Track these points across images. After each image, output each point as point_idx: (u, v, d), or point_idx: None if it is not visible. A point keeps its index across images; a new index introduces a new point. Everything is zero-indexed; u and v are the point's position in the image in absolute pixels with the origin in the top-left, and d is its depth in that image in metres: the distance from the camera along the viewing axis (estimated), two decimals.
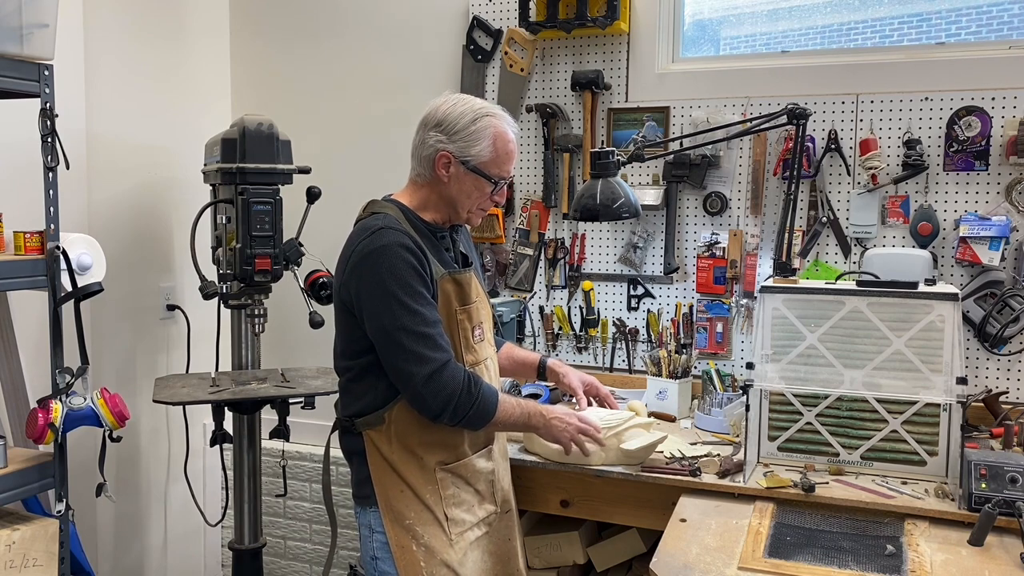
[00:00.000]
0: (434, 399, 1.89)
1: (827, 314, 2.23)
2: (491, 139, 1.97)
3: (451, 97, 2.01)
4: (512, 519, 2.18)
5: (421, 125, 2.00)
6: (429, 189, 2.01)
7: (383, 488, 1.97)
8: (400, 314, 1.87)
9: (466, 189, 2.00)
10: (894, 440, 2.18)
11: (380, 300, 1.88)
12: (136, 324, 3.10)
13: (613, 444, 2.22)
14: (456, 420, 1.92)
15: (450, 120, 1.96)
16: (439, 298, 1.95)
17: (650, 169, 2.89)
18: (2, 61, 2.08)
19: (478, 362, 2.05)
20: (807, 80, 2.71)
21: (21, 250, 2.22)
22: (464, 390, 1.90)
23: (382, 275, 1.87)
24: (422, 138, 1.99)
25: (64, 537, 2.30)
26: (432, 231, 2.01)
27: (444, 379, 1.88)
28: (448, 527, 1.98)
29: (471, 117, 1.96)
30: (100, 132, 2.91)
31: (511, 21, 3.01)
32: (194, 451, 3.13)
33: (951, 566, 1.77)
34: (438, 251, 2.00)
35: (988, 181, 2.53)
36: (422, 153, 1.99)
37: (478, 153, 1.97)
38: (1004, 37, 2.60)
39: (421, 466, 1.97)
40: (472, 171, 1.97)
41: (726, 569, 1.79)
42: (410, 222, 1.97)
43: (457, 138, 1.95)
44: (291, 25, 3.41)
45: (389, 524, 1.96)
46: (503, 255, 3.09)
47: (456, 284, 2.00)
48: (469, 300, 2.03)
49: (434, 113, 1.98)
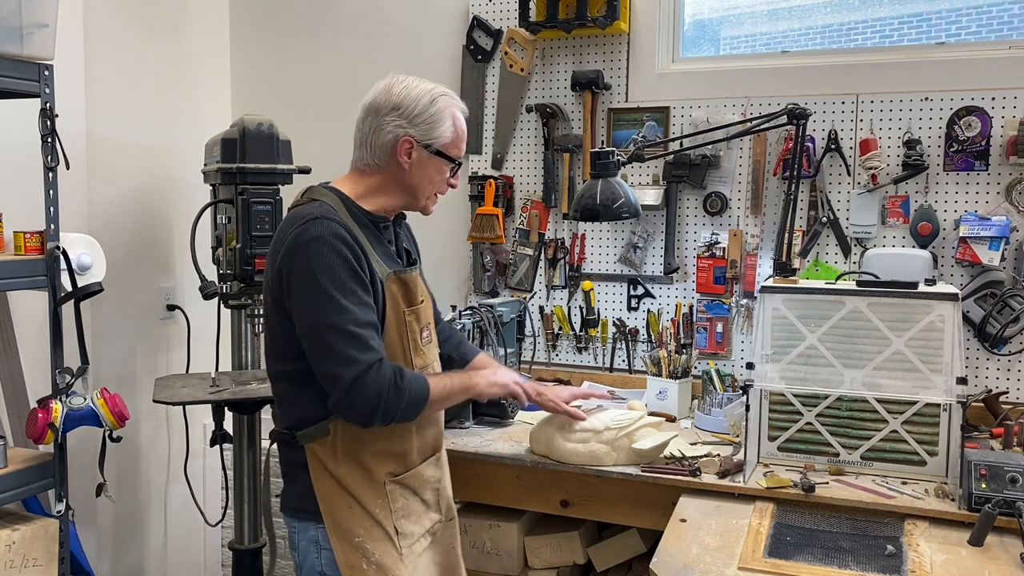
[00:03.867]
0: (362, 403, 1.74)
1: (827, 314, 2.23)
2: (451, 119, 1.88)
3: (399, 79, 1.88)
4: (455, 527, 2.08)
5: (370, 111, 1.87)
6: (381, 177, 1.88)
7: (329, 504, 1.83)
8: (329, 311, 1.73)
9: (428, 174, 1.89)
10: (894, 440, 2.18)
11: (309, 295, 1.75)
12: (136, 324, 3.10)
13: (624, 444, 2.22)
14: (389, 419, 1.78)
15: (408, 103, 1.84)
16: (387, 300, 1.83)
17: (650, 169, 2.89)
18: (2, 61, 2.08)
19: (427, 365, 1.95)
20: (807, 80, 2.71)
21: (21, 250, 2.22)
22: (392, 387, 1.75)
23: (313, 268, 1.73)
24: (375, 124, 1.86)
25: (64, 537, 2.30)
26: (374, 222, 1.88)
27: (370, 381, 1.73)
28: (398, 541, 1.87)
29: (428, 99, 1.85)
30: (100, 132, 2.91)
31: (511, 21, 3.01)
32: (194, 451, 3.13)
33: (951, 566, 1.77)
34: (381, 245, 1.87)
35: (988, 181, 2.53)
36: (377, 140, 1.86)
37: (440, 135, 1.86)
38: (1004, 37, 2.60)
39: (370, 479, 1.84)
40: (435, 155, 1.87)
41: (726, 569, 1.79)
42: (350, 212, 1.83)
43: (419, 121, 1.84)
44: (291, 26, 3.41)
45: (337, 542, 1.83)
46: (503, 255, 3.09)
47: (402, 284, 1.88)
48: (416, 301, 1.92)
49: (386, 97, 1.85)
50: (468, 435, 2.49)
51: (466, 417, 2.57)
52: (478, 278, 3.12)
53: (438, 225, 3.12)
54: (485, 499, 2.43)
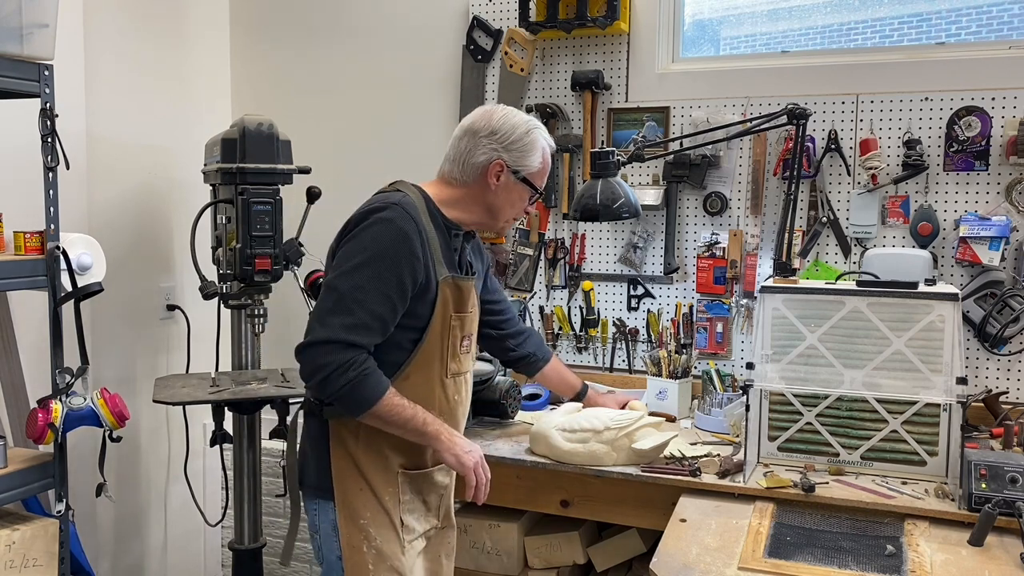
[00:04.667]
0: (306, 364, 1.82)
1: (827, 314, 2.23)
2: (541, 151, 2.00)
3: (499, 107, 2.01)
4: (450, 536, 2.11)
5: (468, 132, 1.98)
6: (465, 191, 1.98)
7: (342, 482, 1.92)
8: (349, 277, 1.82)
9: (512, 198, 2.00)
10: (894, 440, 2.18)
11: (346, 257, 1.84)
12: (136, 324, 3.10)
13: (624, 444, 2.23)
14: (323, 395, 1.85)
15: (505, 130, 1.95)
16: (438, 299, 1.91)
17: (650, 169, 2.89)
18: (2, 61, 2.08)
19: (460, 372, 2.01)
20: (807, 80, 2.71)
21: (21, 250, 2.22)
22: (338, 370, 1.79)
23: (366, 240, 1.83)
24: (471, 145, 1.97)
25: (64, 537, 2.30)
26: (448, 227, 1.97)
27: (322, 352, 1.80)
28: (402, 533, 1.94)
29: (524, 129, 1.97)
30: (100, 132, 2.91)
31: (511, 21, 3.01)
32: (194, 451, 3.13)
33: (951, 566, 1.77)
34: (448, 249, 1.96)
35: (988, 181, 2.53)
36: (470, 159, 1.96)
37: (529, 164, 1.98)
38: (1004, 37, 2.60)
39: (385, 467, 1.93)
40: (521, 181, 1.99)
41: (726, 569, 1.79)
42: (429, 211, 1.93)
43: (513, 148, 1.96)
44: (291, 25, 3.41)
45: (343, 520, 1.91)
46: (503, 255, 3.08)
47: (457, 289, 1.96)
48: (466, 308, 1.99)
49: (486, 122, 1.97)
50: (468, 435, 2.47)
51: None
52: None
53: None
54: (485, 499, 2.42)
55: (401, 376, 1.91)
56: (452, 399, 2.01)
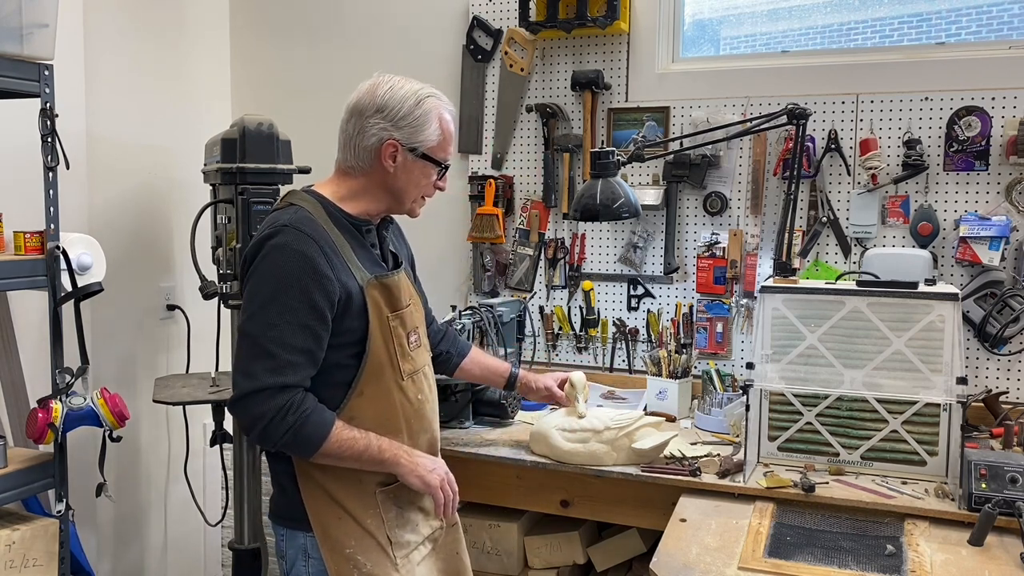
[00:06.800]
0: (243, 418, 1.71)
1: (827, 314, 2.23)
2: (437, 122, 1.83)
3: (384, 79, 1.84)
4: (458, 532, 2.04)
5: (354, 112, 1.82)
6: (366, 179, 1.83)
7: (318, 516, 1.79)
8: (257, 321, 1.69)
9: (414, 178, 1.84)
10: (894, 440, 2.18)
11: (250, 298, 1.72)
12: (136, 324, 3.10)
13: (624, 444, 2.23)
14: (268, 445, 1.74)
15: (392, 105, 1.79)
16: (368, 306, 1.77)
17: (650, 169, 2.89)
18: (2, 61, 2.08)
19: (416, 370, 1.89)
20: (807, 80, 2.71)
21: (21, 250, 2.22)
22: (276, 417, 1.68)
23: (264, 273, 1.71)
24: (359, 126, 1.81)
25: (64, 537, 2.30)
26: (356, 226, 1.83)
27: (257, 402, 1.68)
28: (392, 551, 1.82)
29: (414, 100, 1.80)
30: (100, 132, 2.91)
31: (511, 21, 3.01)
32: (194, 451, 3.13)
33: (951, 566, 1.77)
34: (363, 249, 1.82)
35: (988, 181, 2.53)
36: (361, 143, 1.80)
37: (426, 138, 1.81)
38: (1004, 37, 2.60)
39: (360, 490, 1.80)
40: (421, 158, 1.82)
41: (726, 569, 1.79)
42: (331, 216, 1.79)
43: (403, 124, 1.79)
44: (291, 25, 3.41)
45: (328, 553, 1.78)
46: (503, 255, 3.09)
47: (384, 289, 1.82)
48: (400, 305, 1.86)
49: (371, 98, 1.81)
50: (468, 435, 2.49)
51: (466, 417, 2.57)
52: (478, 278, 3.12)
53: (438, 225, 3.13)
54: (485, 499, 2.43)
55: (355, 393, 1.79)
56: (415, 400, 1.88)
